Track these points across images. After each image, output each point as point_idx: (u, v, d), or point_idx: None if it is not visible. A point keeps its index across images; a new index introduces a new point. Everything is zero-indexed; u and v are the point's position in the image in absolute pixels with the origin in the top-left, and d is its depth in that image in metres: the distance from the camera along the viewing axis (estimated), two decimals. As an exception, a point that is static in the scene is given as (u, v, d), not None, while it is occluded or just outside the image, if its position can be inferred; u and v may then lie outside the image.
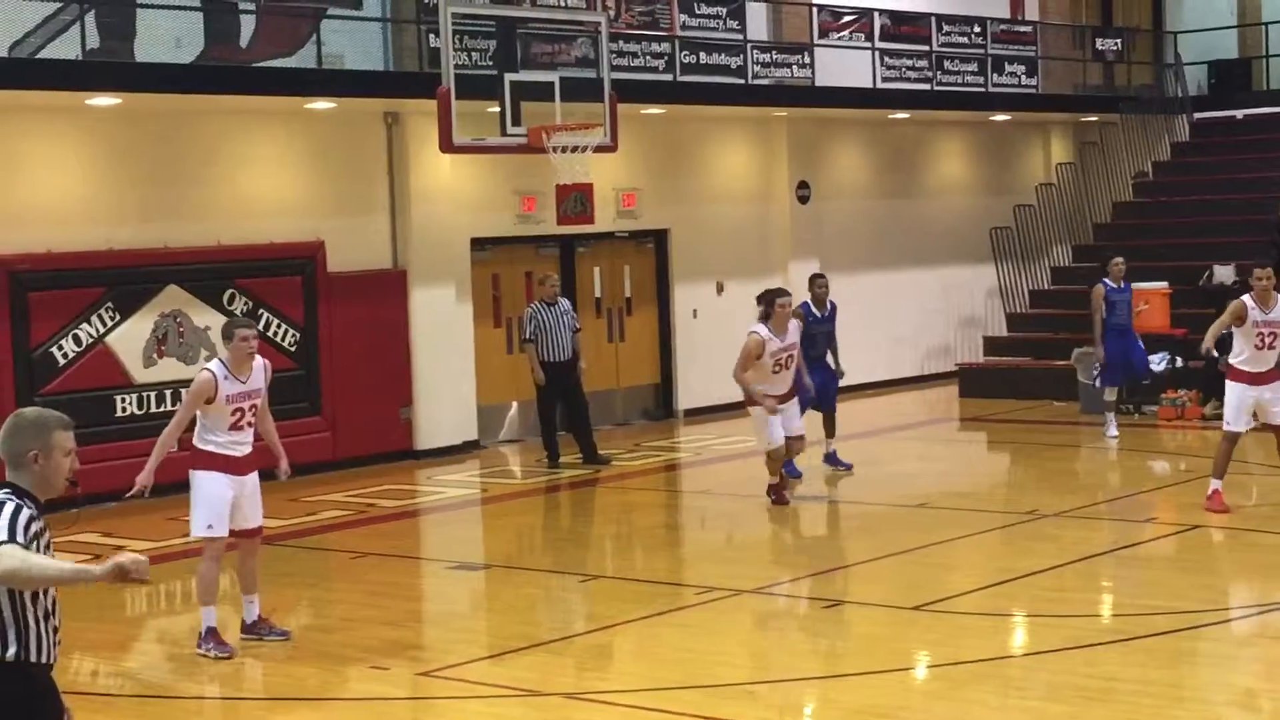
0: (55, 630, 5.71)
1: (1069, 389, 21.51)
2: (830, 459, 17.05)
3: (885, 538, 13.70)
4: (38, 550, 5.56)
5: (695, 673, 9.98)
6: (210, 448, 10.65)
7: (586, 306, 20.94)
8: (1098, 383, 19.02)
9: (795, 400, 14.90)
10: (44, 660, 5.62)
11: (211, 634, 10.63)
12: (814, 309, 16.84)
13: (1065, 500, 15.10)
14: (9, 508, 5.55)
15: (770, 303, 14.62)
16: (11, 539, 5.46)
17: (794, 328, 14.84)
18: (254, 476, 10.85)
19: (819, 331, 16.73)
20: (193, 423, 10.77)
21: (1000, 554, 13.34)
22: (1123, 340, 18.61)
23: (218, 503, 10.61)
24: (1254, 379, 13.76)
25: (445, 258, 19.51)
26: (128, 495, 10.69)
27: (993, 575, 12.32)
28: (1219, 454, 13.91)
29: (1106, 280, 18.65)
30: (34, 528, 5.58)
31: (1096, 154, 26.88)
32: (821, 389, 16.41)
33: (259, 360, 10.85)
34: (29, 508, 5.60)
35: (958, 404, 23.03)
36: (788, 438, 14.72)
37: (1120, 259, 18.76)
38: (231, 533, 10.78)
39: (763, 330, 14.49)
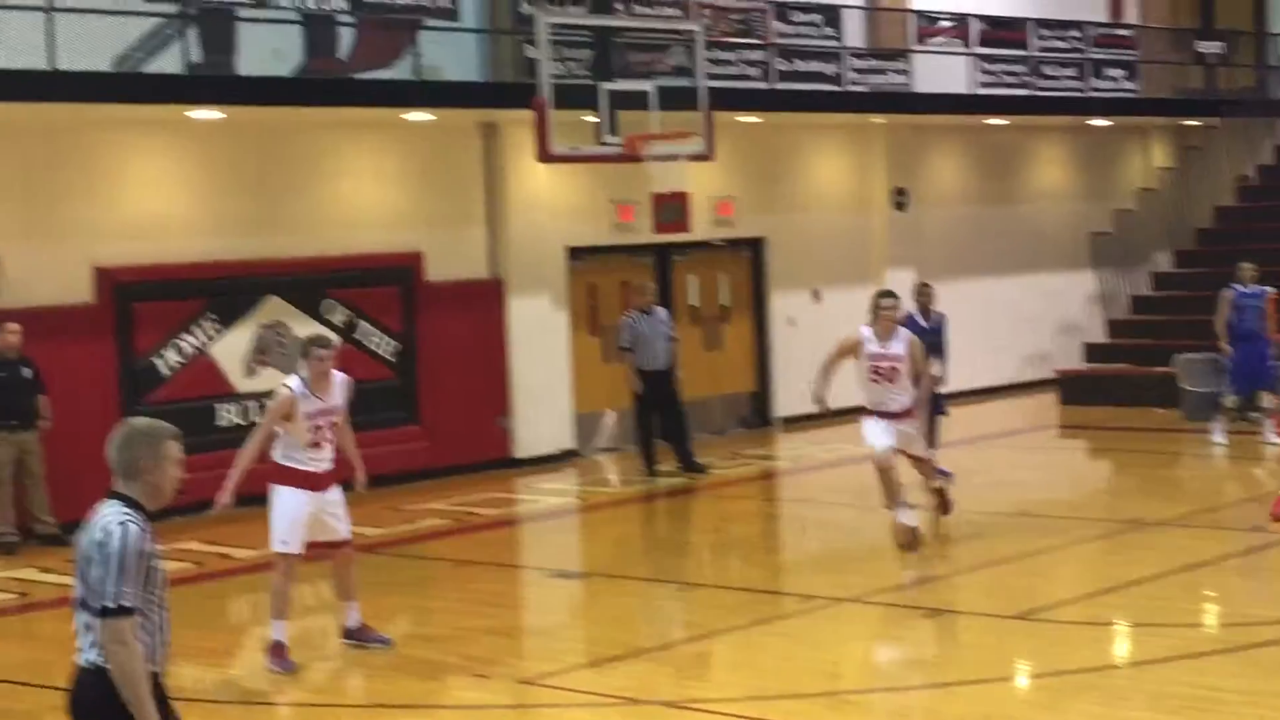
0: (166, 644, 5.75)
1: (1171, 396, 21.25)
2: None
3: (986, 546, 13.59)
4: (148, 577, 5.57)
5: (796, 682, 9.95)
6: (289, 463, 10.74)
7: (682, 315, 20.93)
8: (1224, 390, 18.60)
9: (908, 421, 13.59)
10: (152, 669, 5.67)
11: (276, 649, 10.69)
12: (919, 319, 16.55)
13: (1167, 508, 14.93)
14: (119, 539, 5.51)
15: (875, 306, 13.70)
16: (122, 607, 5.48)
17: (902, 339, 13.49)
18: (336, 490, 10.90)
19: (925, 342, 16.17)
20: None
21: (1102, 562, 13.21)
22: (1250, 346, 18.21)
23: (294, 519, 10.70)
24: None
25: (542, 267, 19.58)
26: (206, 513, 10.81)
27: (1095, 584, 12.21)
28: None
29: (1235, 284, 18.38)
30: (147, 548, 5.59)
31: (1197, 158, 26.57)
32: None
33: (338, 376, 10.88)
34: (142, 526, 5.60)
35: (1057, 411, 22.83)
36: (911, 455, 13.79)
37: (1249, 264, 18.45)
38: (320, 545, 10.89)
39: (865, 330, 13.50)
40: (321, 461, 10.76)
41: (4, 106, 15.21)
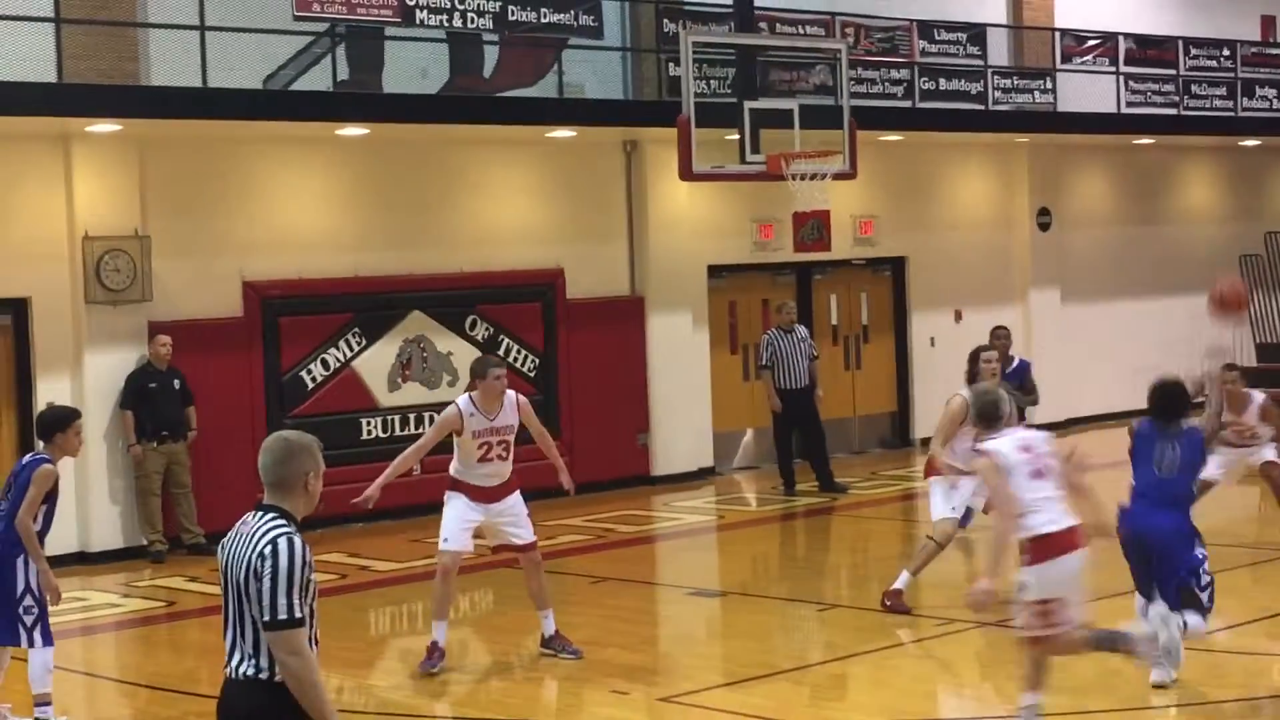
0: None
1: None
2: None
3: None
4: (309, 595, 5.61)
5: (935, 705, 9.85)
6: (460, 476, 11.04)
7: (823, 334, 20.86)
8: None
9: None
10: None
11: (431, 648, 10.92)
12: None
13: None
14: (286, 552, 5.53)
15: (974, 360, 12.89)
16: (294, 618, 5.50)
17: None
18: (513, 497, 11.10)
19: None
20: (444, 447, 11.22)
21: (1252, 591, 12.93)
22: None
23: (457, 521, 10.95)
24: None
25: (682, 285, 19.59)
26: (354, 501, 11.03)
27: (1245, 613, 11.95)
28: None
29: None
30: (310, 559, 5.62)
31: (1352, 179, 26.01)
32: None
33: (510, 395, 11.08)
34: (303, 541, 5.65)
35: (1204, 436, 22.38)
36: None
37: None
38: (505, 548, 11.36)
39: (964, 393, 12.07)
40: (492, 478, 11.00)
41: (157, 123, 15.54)
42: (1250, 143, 25.74)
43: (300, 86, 16.89)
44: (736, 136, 17.17)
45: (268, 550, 5.54)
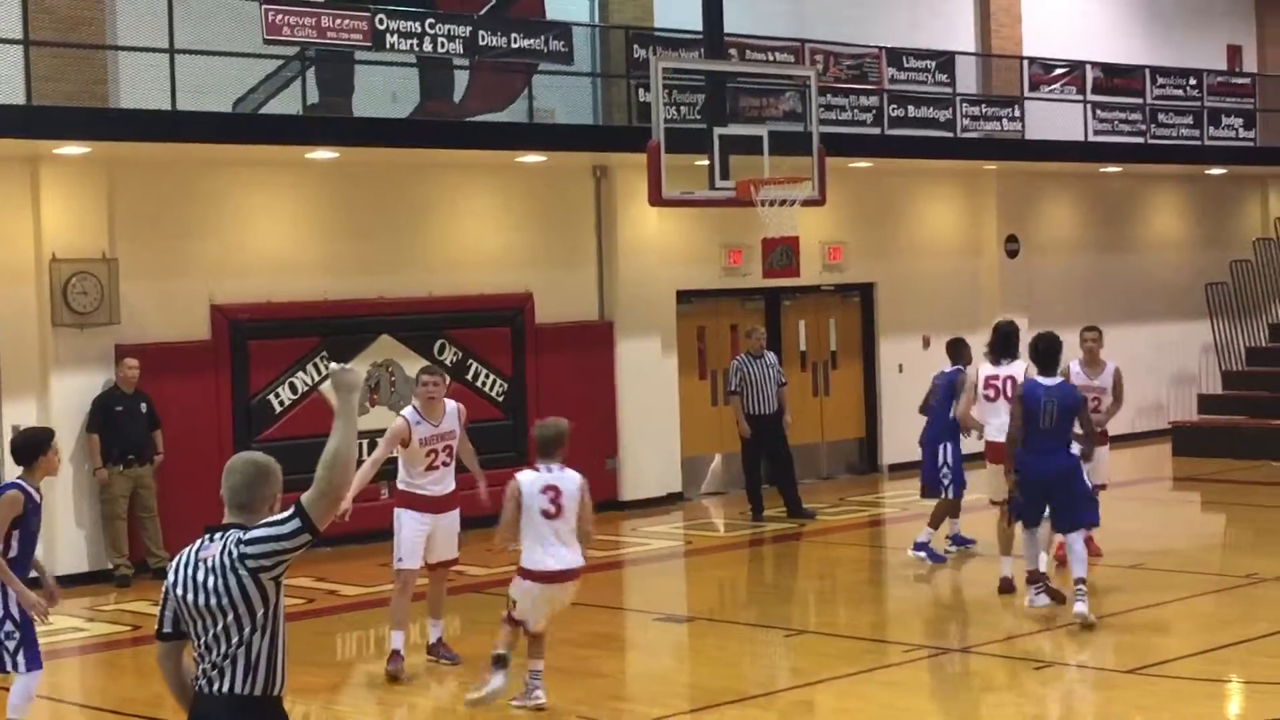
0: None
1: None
2: (956, 539, 15.77)
3: (1098, 598, 13.39)
4: (278, 589, 5.61)
5: (902, 731, 9.86)
6: (409, 488, 11.56)
7: (791, 360, 20.89)
8: None
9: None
10: (281, 691, 5.73)
11: (392, 656, 11.41)
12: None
13: (1285, 564, 14.66)
14: (261, 531, 5.55)
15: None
16: (305, 522, 5.53)
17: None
18: (453, 514, 11.64)
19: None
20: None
21: (1217, 618, 12.98)
22: None
23: (412, 540, 11.50)
24: None
25: (651, 310, 19.62)
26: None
27: (1210, 640, 12.00)
28: None
29: None
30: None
31: (1317, 208, 26.19)
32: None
33: (450, 404, 11.69)
34: None
35: (1171, 463, 22.52)
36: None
37: None
38: (428, 565, 11.66)
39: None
40: (439, 484, 11.53)
41: (126, 146, 15.50)
42: (1216, 171, 25.91)
43: (270, 110, 16.87)
44: (706, 162, 17.21)
45: (252, 544, 5.54)
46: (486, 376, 18.23)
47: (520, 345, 18.50)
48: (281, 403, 16.84)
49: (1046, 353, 12.63)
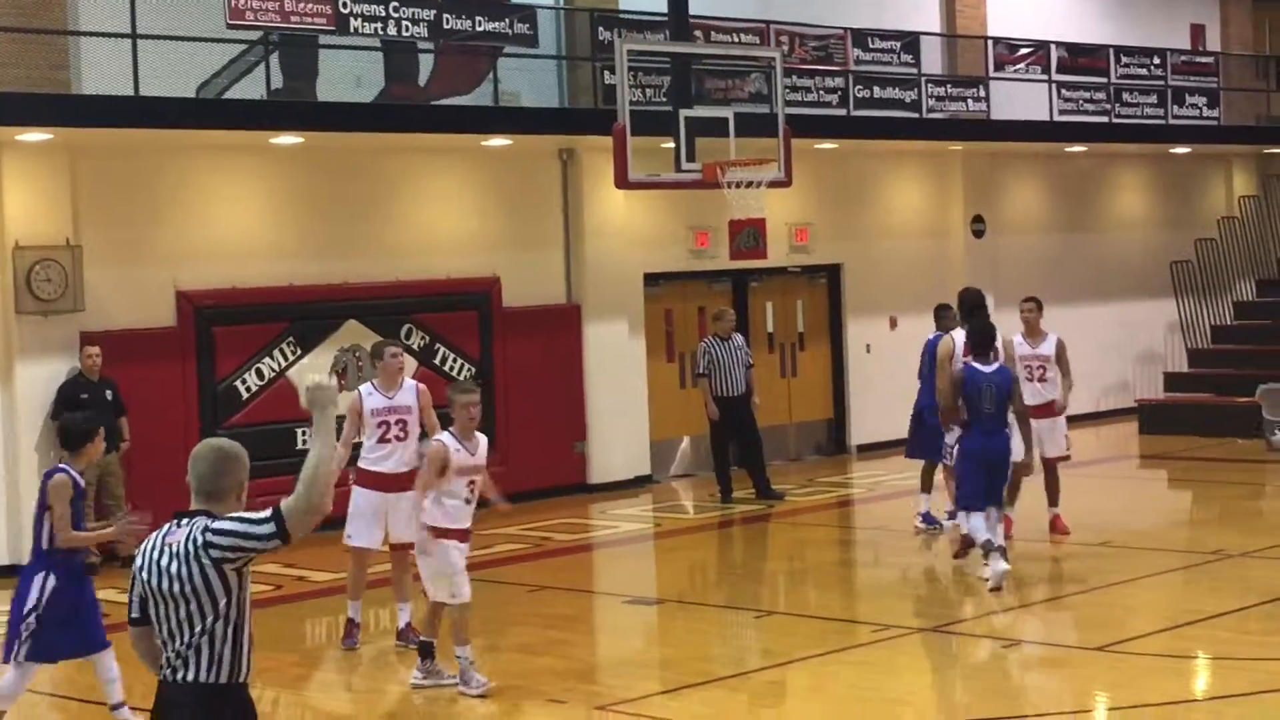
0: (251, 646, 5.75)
1: (1253, 426, 21.01)
2: (926, 518, 15.79)
3: (1066, 577, 13.48)
4: (242, 579, 5.60)
5: (872, 711, 9.89)
6: (365, 465, 11.73)
7: (759, 342, 20.90)
8: None
9: None
10: (246, 679, 5.72)
11: (349, 625, 11.84)
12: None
13: (1251, 540, 14.74)
14: (227, 523, 5.53)
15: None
16: (276, 528, 5.47)
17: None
18: (410, 495, 11.26)
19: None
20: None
21: (1184, 595, 13.06)
22: None
23: (358, 515, 11.72)
24: None
25: (619, 293, 19.61)
26: None
27: (1177, 616, 12.07)
28: None
29: None
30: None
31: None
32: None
33: (410, 381, 11.86)
34: None
35: (1137, 441, 22.62)
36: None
37: None
38: (390, 546, 11.82)
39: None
40: (388, 461, 11.60)
41: (89, 132, 15.42)
42: (1181, 150, 26.00)
43: (234, 95, 16.79)
44: (672, 145, 17.18)
45: (218, 535, 5.52)
46: (454, 360, 18.20)
47: (487, 329, 18.47)
48: (248, 389, 16.78)
49: (983, 339, 13.30)
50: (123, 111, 15.27)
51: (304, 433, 17.01)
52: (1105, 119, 24.27)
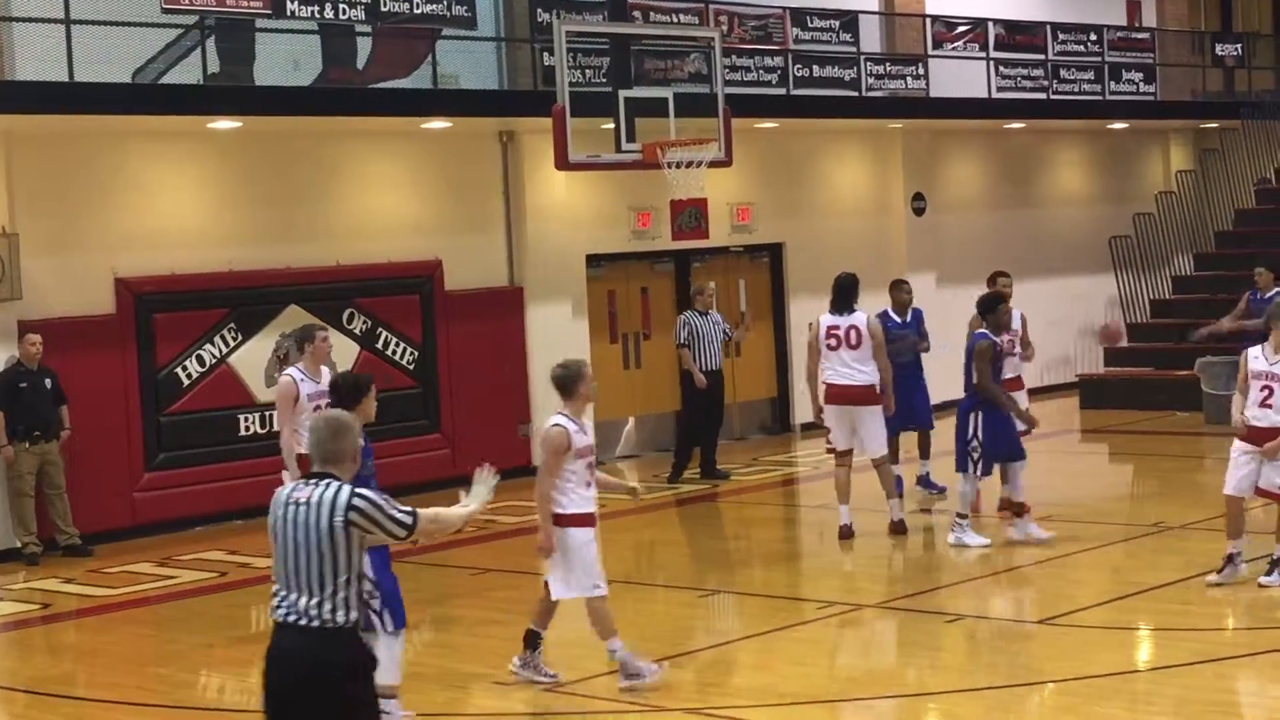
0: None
1: (1193, 399, 21.19)
2: (923, 481, 16.41)
3: (1008, 551, 13.56)
4: (361, 543, 6.43)
5: (817, 688, 9.94)
6: (301, 449, 11.36)
7: (702, 321, 20.90)
8: None
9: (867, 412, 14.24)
10: (356, 624, 6.48)
11: None
12: (894, 315, 16.16)
13: (1191, 512, 14.87)
14: (367, 498, 6.41)
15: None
16: (412, 521, 6.52)
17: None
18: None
19: (900, 338, 15.82)
20: None
21: (1125, 567, 13.17)
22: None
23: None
24: None
25: (561, 274, 19.60)
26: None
27: (1118, 589, 12.18)
28: None
29: (1254, 289, 18.50)
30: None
31: (1217, 161, 26.51)
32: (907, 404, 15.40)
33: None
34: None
35: (1078, 415, 22.78)
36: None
37: (1261, 268, 18.49)
38: None
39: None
40: None
41: (25, 119, 15.28)
42: (1118, 126, 26.17)
43: (170, 80, 16.67)
44: (612, 126, 17.18)
45: (357, 506, 6.39)
46: (396, 345, 18.15)
47: (430, 313, 18.43)
48: (189, 376, 16.68)
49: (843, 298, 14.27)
50: (58, 97, 15.14)
51: (246, 418, 16.94)
52: (1043, 95, 24.40)
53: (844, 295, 14.43)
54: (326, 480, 6.43)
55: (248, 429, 16.93)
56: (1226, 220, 25.93)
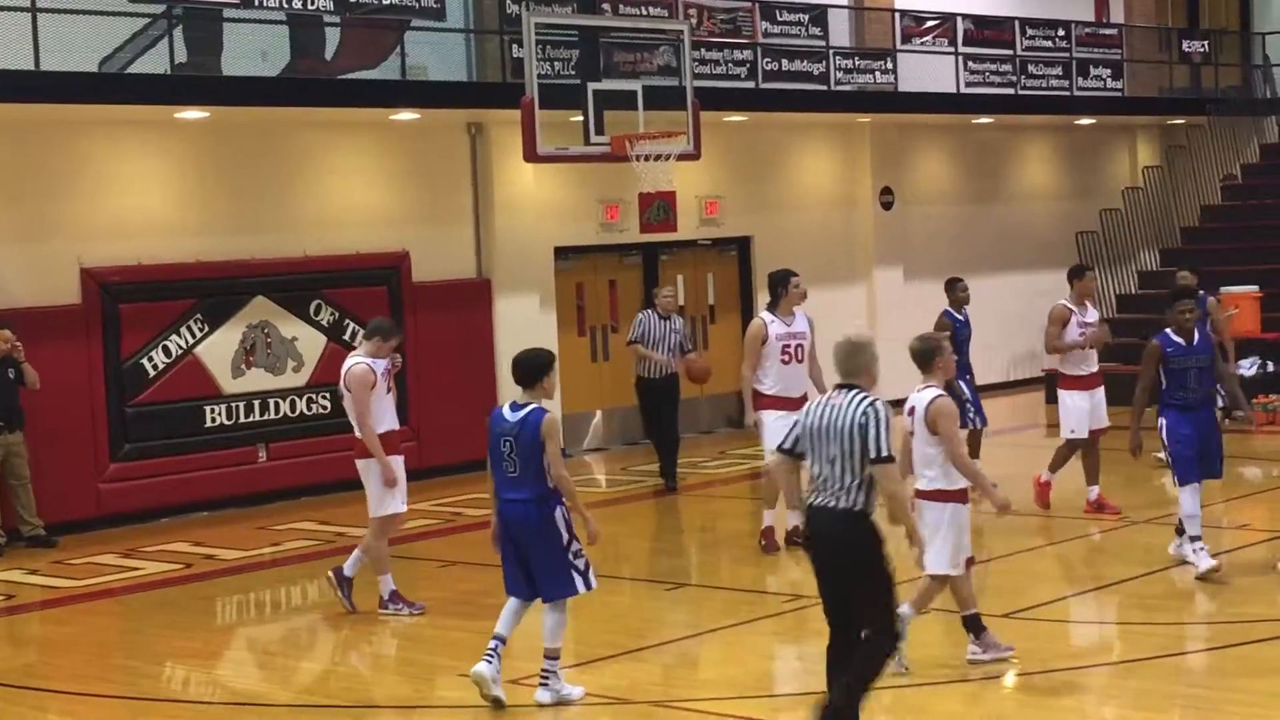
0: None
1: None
2: None
3: (973, 545, 13.58)
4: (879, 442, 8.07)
5: (783, 680, 9.97)
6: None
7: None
8: None
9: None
10: (874, 510, 8.15)
11: (395, 596, 11.91)
12: (955, 313, 16.76)
13: (1154, 507, 14.95)
14: (882, 410, 8.07)
15: (781, 283, 13.95)
16: (892, 455, 8.12)
17: (802, 315, 13.97)
18: (360, 463, 11.93)
19: (966, 338, 16.50)
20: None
21: (1089, 561, 13.23)
22: None
23: (398, 484, 12.03)
24: None
25: (529, 267, 19.58)
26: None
27: (1081, 583, 12.24)
28: None
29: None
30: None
31: (1184, 157, 26.62)
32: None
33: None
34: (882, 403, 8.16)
35: (1044, 410, 22.84)
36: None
37: (1185, 271, 18.46)
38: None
39: (765, 315, 13.86)
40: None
41: (-11, 107, 15.20)
42: (1085, 121, 26.26)
43: (137, 69, 16.60)
44: (580, 118, 17.17)
45: (870, 410, 8.02)
46: (364, 336, 18.10)
47: (398, 304, 18.40)
48: (155, 366, 16.63)
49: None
50: (24, 86, 15.06)
51: (212, 409, 16.88)
52: (1011, 91, 24.47)
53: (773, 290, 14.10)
54: (847, 389, 8.13)
55: (214, 420, 16.87)
56: (1193, 216, 26.05)
